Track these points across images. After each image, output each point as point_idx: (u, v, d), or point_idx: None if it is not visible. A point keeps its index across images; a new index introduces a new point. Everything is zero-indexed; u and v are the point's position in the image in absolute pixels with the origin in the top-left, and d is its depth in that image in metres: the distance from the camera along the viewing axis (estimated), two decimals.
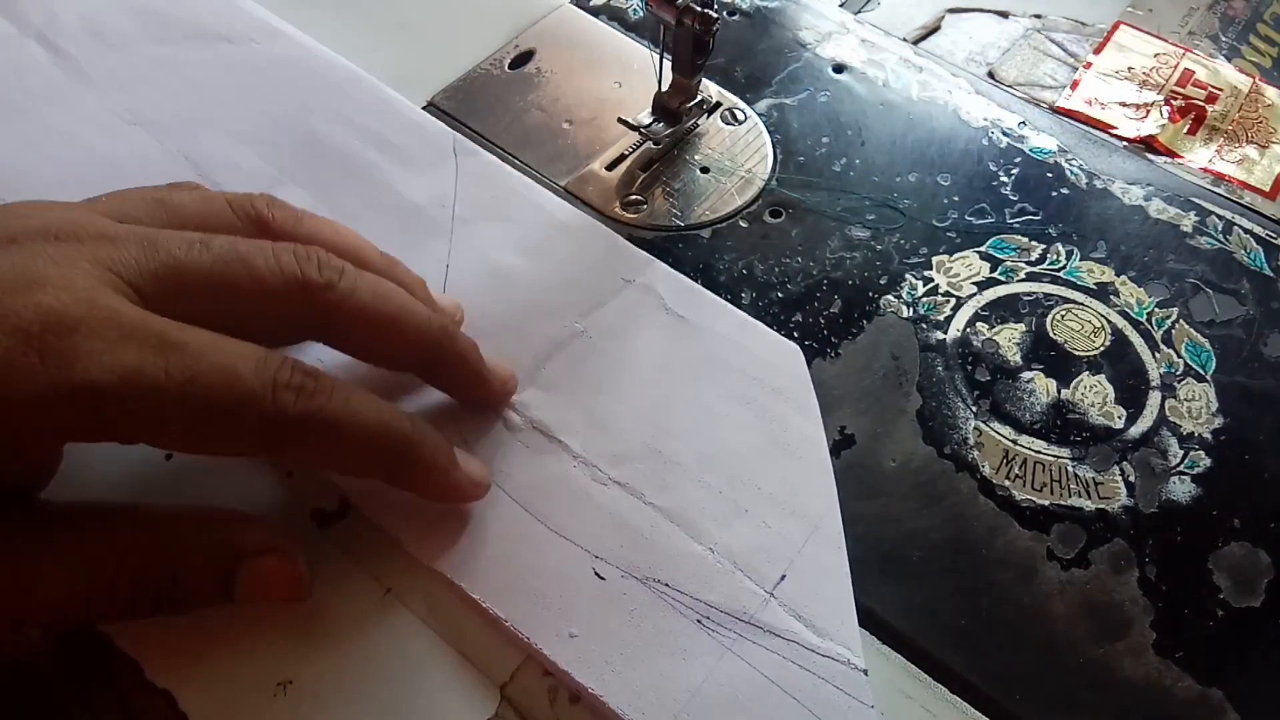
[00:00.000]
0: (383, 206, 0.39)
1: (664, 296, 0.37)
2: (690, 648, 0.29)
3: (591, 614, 0.29)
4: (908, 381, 0.36)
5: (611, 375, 0.35)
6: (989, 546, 0.32)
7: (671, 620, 0.30)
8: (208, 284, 0.26)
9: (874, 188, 0.42)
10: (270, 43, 0.44)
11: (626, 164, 0.43)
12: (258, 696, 0.28)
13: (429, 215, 0.39)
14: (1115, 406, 0.36)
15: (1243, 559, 0.33)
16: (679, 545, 0.31)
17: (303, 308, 0.28)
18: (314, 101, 0.42)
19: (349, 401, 0.27)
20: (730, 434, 0.34)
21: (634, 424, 0.34)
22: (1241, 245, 0.41)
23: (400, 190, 0.40)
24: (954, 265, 0.40)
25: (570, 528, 0.31)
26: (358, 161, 0.40)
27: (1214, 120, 0.46)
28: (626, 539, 0.31)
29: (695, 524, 0.31)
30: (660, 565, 0.31)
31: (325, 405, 0.26)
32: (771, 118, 0.45)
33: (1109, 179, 0.43)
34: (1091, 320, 0.38)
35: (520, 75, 0.46)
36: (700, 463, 0.33)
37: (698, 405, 0.34)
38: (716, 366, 0.35)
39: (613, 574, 0.30)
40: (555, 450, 0.33)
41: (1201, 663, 0.30)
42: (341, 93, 0.43)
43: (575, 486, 0.32)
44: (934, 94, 0.46)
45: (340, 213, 0.36)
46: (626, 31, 0.48)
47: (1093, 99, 0.47)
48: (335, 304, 0.28)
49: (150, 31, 0.44)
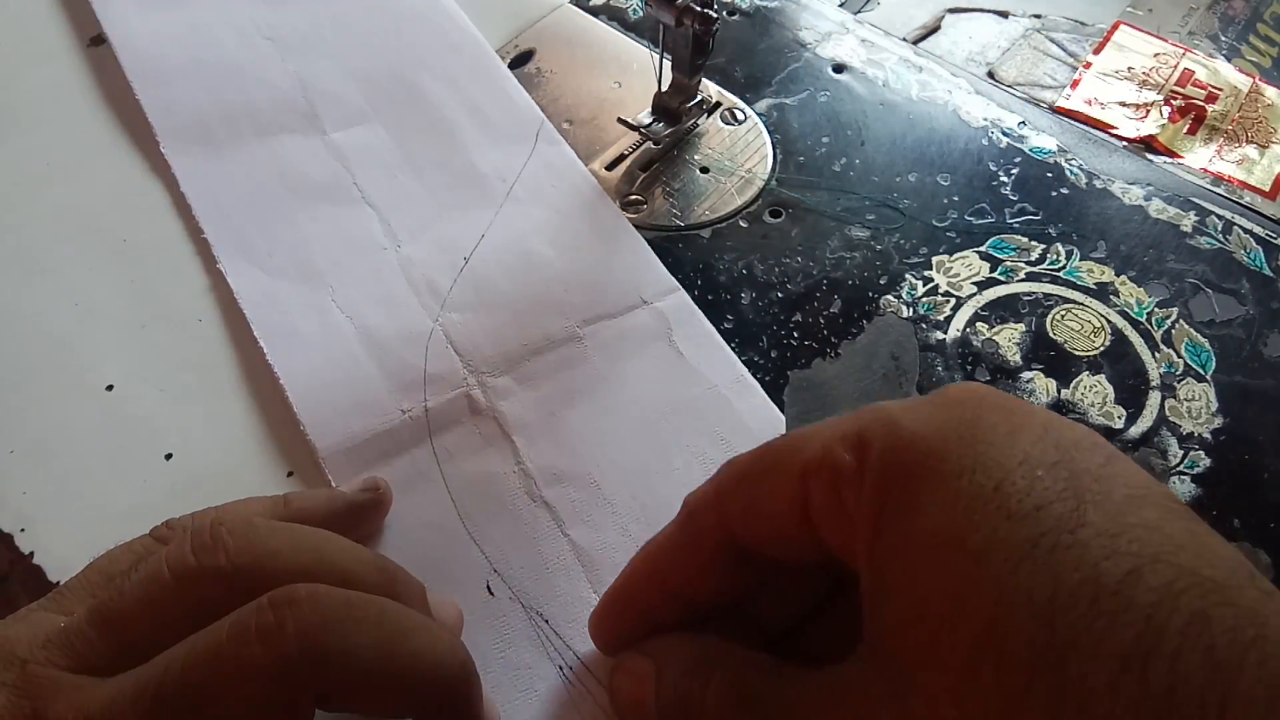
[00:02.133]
0: (449, 166, 0.41)
1: (672, 328, 0.36)
2: (543, 692, 0.28)
3: (466, 625, 0.29)
4: (907, 382, 0.36)
5: (588, 389, 0.35)
6: None
7: (537, 659, 0.29)
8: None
9: (874, 188, 0.42)
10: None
11: (626, 164, 0.43)
12: None
13: (488, 185, 0.40)
14: (1115, 406, 0.36)
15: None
16: (575, 588, 0.30)
17: (296, 693, 0.21)
18: (430, 57, 0.45)
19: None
20: (672, 490, 0.32)
21: (586, 448, 0.33)
22: (1241, 245, 0.41)
23: (472, 156, 0.41)
24: (954, 265, 0.40)
25: (484, 534, 0.31)
26: (446, 119, 0.43)
27: (1214, 120, 0.46)
28: (529, 564, 0.30)
29: (599, 570, 0.31)
30: (549, 601, 0.30)
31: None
32: (771, 118, 0.45)
33: (1109, 179, 0.43)
34: (1091, 320, 0.38)
35: (520, 75, 0.46)
36: (630, 510, 0.32)
37: (655, 449, 0.33)
38: (691, 416, 0.34)
39: (503, 593, 0.30)
40: (504, 447, 0.33)
41: None
42: (458, 54, 0.45)
43: (507, 493, 0.32)
44: (934, 94, 0.46)
45: (409, 161, 0.41)
46: (626, 31, 0.48)
47: (1093, 99, 0.47)
48: (331, 678, 0.22)
49: None
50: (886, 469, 0.20)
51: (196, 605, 0.22)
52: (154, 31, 0.45)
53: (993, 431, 0.19)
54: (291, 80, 0.44)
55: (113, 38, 0.45)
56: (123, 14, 0.46)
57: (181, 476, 0.32)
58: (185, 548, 0.23)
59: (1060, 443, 0.19)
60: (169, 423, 0.34)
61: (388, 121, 0.42)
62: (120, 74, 0.43)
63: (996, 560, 0.17)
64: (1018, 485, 0.18)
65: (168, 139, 0.41)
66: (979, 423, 0.19)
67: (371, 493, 0.31)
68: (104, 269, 0.38)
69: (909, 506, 0.19)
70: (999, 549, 0.17)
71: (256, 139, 0.42)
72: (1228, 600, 0.16)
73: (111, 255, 0.38)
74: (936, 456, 0.19)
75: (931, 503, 0.19)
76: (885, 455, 0.20)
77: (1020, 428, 0.19)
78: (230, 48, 0.45)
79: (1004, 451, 0.19)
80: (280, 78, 0.44)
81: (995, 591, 0.17)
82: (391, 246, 0.38)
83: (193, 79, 0.43)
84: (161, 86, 0.43)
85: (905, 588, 0.19)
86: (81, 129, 0.42)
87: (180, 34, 0.45)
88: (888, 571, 0.19)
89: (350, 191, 0.40)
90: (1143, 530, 0.17)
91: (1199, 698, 0.15)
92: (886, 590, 0.19)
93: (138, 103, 0.42)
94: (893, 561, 0.19)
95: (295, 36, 0.45)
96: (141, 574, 0.23)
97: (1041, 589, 0.17)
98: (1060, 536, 0.17)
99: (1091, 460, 0.19)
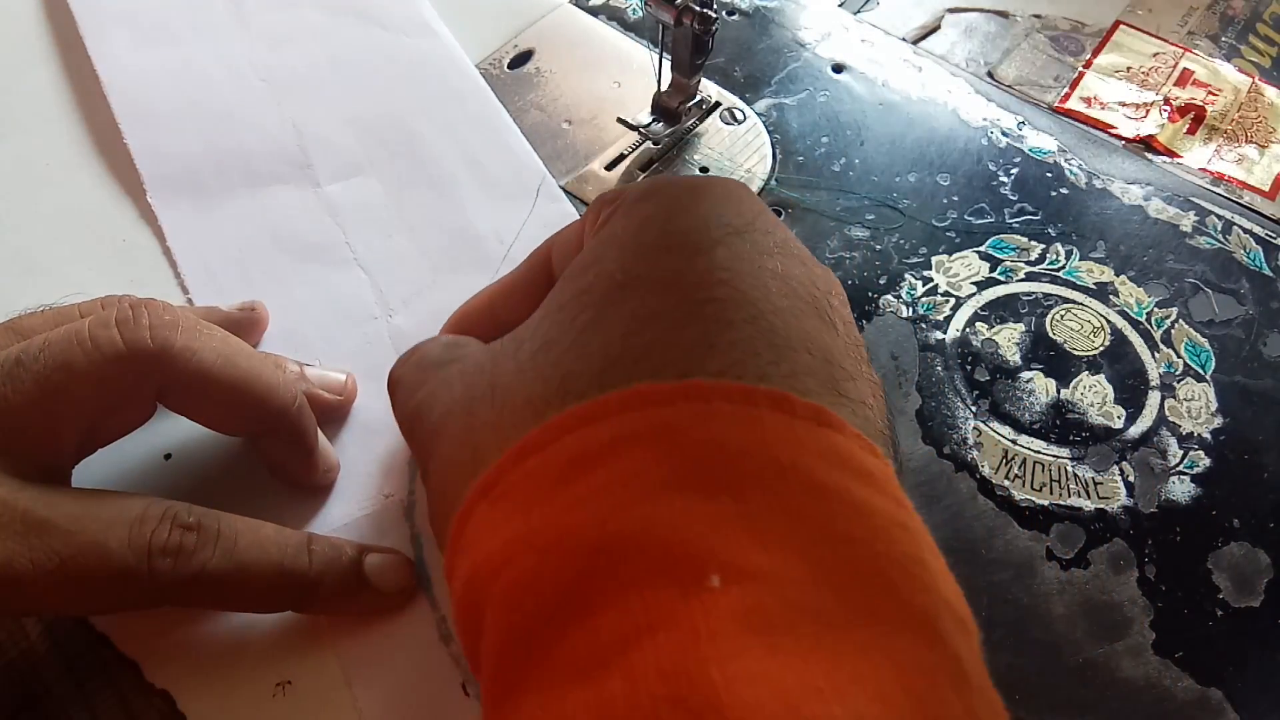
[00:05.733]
0: (445, 224, 0.39)
1: None
2: None
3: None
4: (907, 381, 0.36)
5: None
6: (988, 546, 0.32)
7: None
8: (48, 381, 0.25)
9: (873, 187, 0.42)
10: (418, 38, 0.46)
11: (626, 164, 0.43)
12: (257, 697, 0.28)
13: (484, 247, 0.39)
14: (1115, 406, 0.36)
15: (1242, 559, 0.33)
16: None
17: (139, 380, 0.26)
18: (432, 105, 0.43)
19: (235, 552, 0.26)
20: None
21: None
22: (1241, 245, 0.41)
23: (469, 213, 0.40)
24: (953, 265, 0.40)
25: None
26: (444, 172, 0.41)
27: (1213, 120, 0.46)
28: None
29: None
30: None
31: (208, 563, 0.25)
32: (771, 117, 0.45)
33: (1108, 179, 0.43)
34: (1091, 320, 0.38)
35: (519, 75, 0.46)
36: None
37: None
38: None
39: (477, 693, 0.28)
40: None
41: (1201, 663, 0.30)
42: (461, 103, 0.43)
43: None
44: (933, 94, 0.46)
45: (403, 218, 0.39)
46: (626, 31, 0.48)
47: (1092, 99, 0.47)
48: (172, 368, 0.26)
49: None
50: (609, 205, 0.27)
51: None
52: (146, 70, 0.43)
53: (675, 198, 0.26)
54: (286, 127, 0.42)
55: (103, 76, 0.43)
56: (115, 50, 0.44)
57: (181, 476, 0.32)
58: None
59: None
60: (169, 423, 0.34)
61: (383, 174, 0.41)
62: None
63: (620, 238, 0.24)
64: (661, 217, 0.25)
65: (155, 188, 0.39)
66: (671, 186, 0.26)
67: (248, 312, 0.34)
68: (104, 269, 0.38)
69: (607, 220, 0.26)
70: (619, 234, 0.25)
71: (248, 190, 0.40)
72: None
73: (111, 255, 0.38)
74: (631, 199, 0.26)
75: (614, 220, 0.26)
76: (615, 199, 0.27)
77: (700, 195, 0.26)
78: (225, 90, 0.43)
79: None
80: (275, 123, 0.42)
81: (608, 248, 0.24)
82: (383, 315, 0.37)
83: (185, 123, 0.42)
84: (151, 131, 0.41)
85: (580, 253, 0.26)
86: (82, 129, 0.42)
87: (174, 73, 0.43)
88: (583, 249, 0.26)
89: (342, 251, 0.38)
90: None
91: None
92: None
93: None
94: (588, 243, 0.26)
95: (292, 79, 0.44)
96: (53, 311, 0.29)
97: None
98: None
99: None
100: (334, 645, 0.29)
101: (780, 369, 0.21)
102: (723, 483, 0.18)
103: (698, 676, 0.15)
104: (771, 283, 0.23)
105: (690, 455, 0.19)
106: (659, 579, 0.17)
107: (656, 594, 0.17)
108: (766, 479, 0.19)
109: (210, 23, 0.46)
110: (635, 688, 0.16)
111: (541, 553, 0.18)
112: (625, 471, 0.19)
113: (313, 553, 0.27)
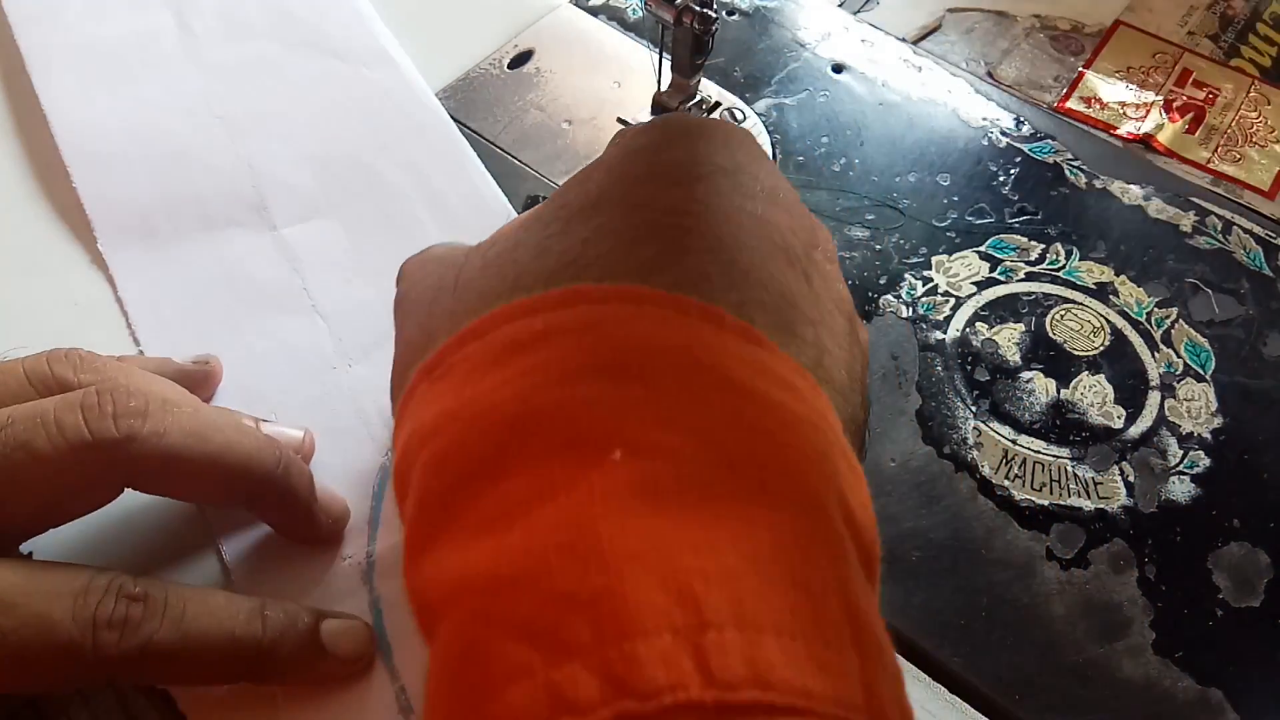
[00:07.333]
0: None
1: None
2: None
3: None
4: (907, 381, 0.36)
5: None
6: (988, 546, 0.32)
7: None
8: (6, 459, 0.24)
9: (873, 188, 0.42)
10: (377, 70, 0.44)
11: None
12: (257, 697, 0.27)
13: None
14: (1115, 406, 0.36)
15: (1242, 559, 0.33)
16: None
17: (105, 469, 0.25)
18: (391, 140, 0.42)
19: (184, 622, 0.24)
20: None
21: None
22: (1241, 245, 0.41)
23: None
24: (953, 265, 0.40)
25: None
26: (404, 213, 0.39)
27: (1213, 120, 0.46)
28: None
29: None
30: None
31: (155, 634, 0.24)
32: (771, 118, 0.45)
33: (1108, 179, 0.43)
34: (1091, 320, 0.38)
35: (519, 75, 0.46)
36: None
37: None
38: None
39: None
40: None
41: (1201, 662, 0.30)
42: (422, 138, 0.42)
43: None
44: (933, 94, 0.46)
45: (363, 262, 0.38)
46: (625, 31, 0.48)
47: (1092, 99, 0.47)
48: (140, 456, 0.25)
49: (275, 30, 0.45)
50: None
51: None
52: (96, 108, 0.41)
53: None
54: (241, 166, 0.40)
55: (50, 115, 0.41)
56: (63, 92, 0.42)
57: (124, 543, 0.31)
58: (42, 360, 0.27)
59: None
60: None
61: (343, 214, 0.39)
62: None
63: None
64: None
65: (105, 234, 0.38)
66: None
67: (202, 366, 0.33)
68: (51, 318, 0.36)
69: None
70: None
71: (202, 234, 0.38)
72: None
73: (59, 305, 0.36)
74: (632, 132, 0.27)
75: (611, 148, 0.26)
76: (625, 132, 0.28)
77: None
78: (177, 127, 0.41)
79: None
80: (230, 163, 0.40)
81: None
82: (342, 365, 0.35)
83: (136, 164, 0.39)
84: (101, 173, 0.39)
85: None
86: (28, 171, 0.40)
87: (125, 114, 0.41)
88: None
89: (300, 299, 0.37)
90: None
91: None
92: None
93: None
94: None
95: (248, 115, 0.42)
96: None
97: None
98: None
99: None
100: (289, 715, 0.27)
101: (729, 297, 0.22)
102: (636, 371, 0.20)
103: (586, 528, 0.17)
104: (746, 222, 0.23)
105: (611, 346, 0.20)
106: (566, 451, 0.19)
107: (564, 463, 0.18)
108: (681, 372, 0.20)
109: (162, 55, 0.43)
110: (531, 537, 0.17)
111: (465, 424, 0.20)
112: (550, 357, 0.20)
113: (266, 619, 0.26)
